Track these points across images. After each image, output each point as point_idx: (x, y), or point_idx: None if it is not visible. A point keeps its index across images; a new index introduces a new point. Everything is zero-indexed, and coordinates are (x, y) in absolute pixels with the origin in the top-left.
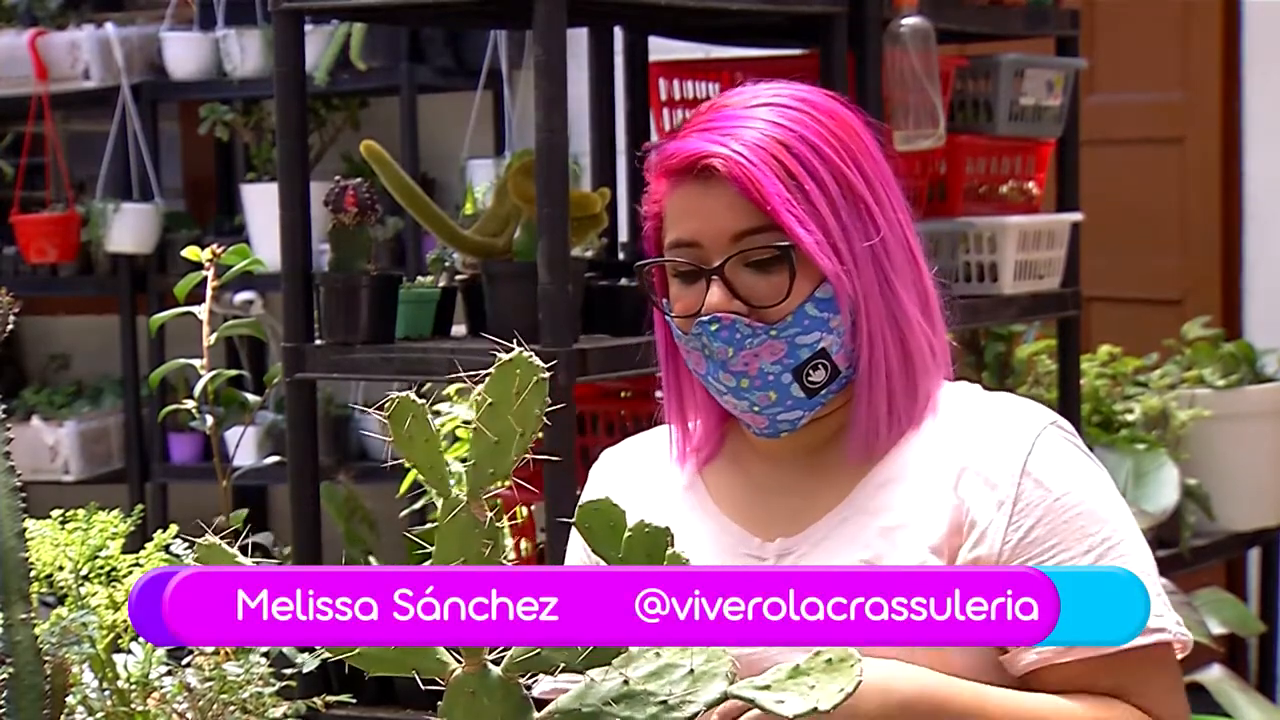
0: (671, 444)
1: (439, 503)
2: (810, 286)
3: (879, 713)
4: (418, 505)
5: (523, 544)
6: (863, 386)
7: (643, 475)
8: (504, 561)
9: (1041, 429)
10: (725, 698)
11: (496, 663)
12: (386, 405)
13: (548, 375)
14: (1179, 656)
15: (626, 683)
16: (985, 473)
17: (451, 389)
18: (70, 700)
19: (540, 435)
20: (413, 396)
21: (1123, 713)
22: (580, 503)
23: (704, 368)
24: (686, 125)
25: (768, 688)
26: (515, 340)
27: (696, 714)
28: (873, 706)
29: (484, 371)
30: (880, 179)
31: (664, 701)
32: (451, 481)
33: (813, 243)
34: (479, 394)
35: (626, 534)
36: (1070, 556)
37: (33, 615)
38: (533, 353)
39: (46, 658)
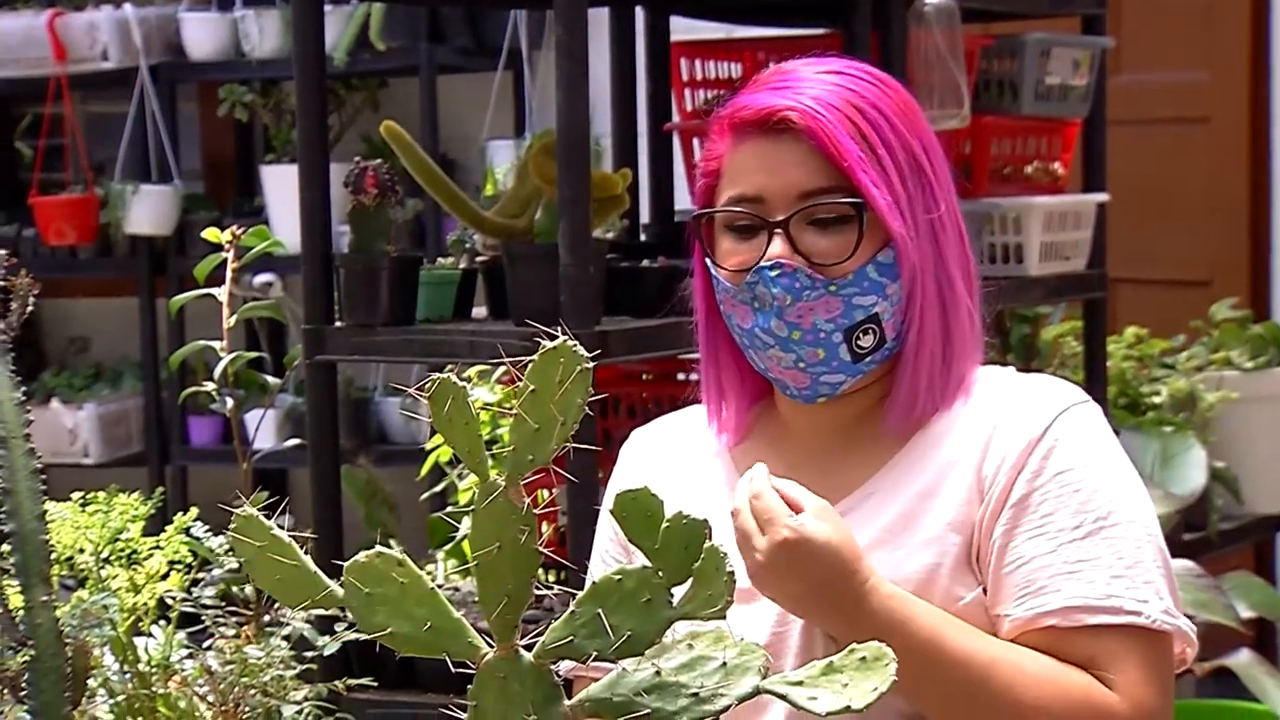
0: (709, 419)
1: (477, 487)
2: (873, 249)
3: (841, 620)
4: (438, 488)
5: (544, 528)
6: (907, 359)
7: (673, 456)
8: (537, 546)
9: (1066, 406)
10: (757, 692)
11: (528, 648)
12: (427, 386)
13: (591, 365)
14: (1187, 650)
15: (658, 674)
16: (1005, 444)
17: (472, 371)
18: (91, 683)
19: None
20: (454, 378)
21: (1080, 679)
22: (616, 490)
23: (750, 321)
24: (751, 85)
25: (800, 684)
26: (560, 328)
27: (728, 708)
28: (837, 615)
29: (522, 358)
30: (937, 156)
31: (695, 694)
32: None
33: (885, 204)
34: (519, 380)
35: (664, 525)
36: (1058, 529)
37: (54, 598)
38: (577, 341)
39: (67, 640)
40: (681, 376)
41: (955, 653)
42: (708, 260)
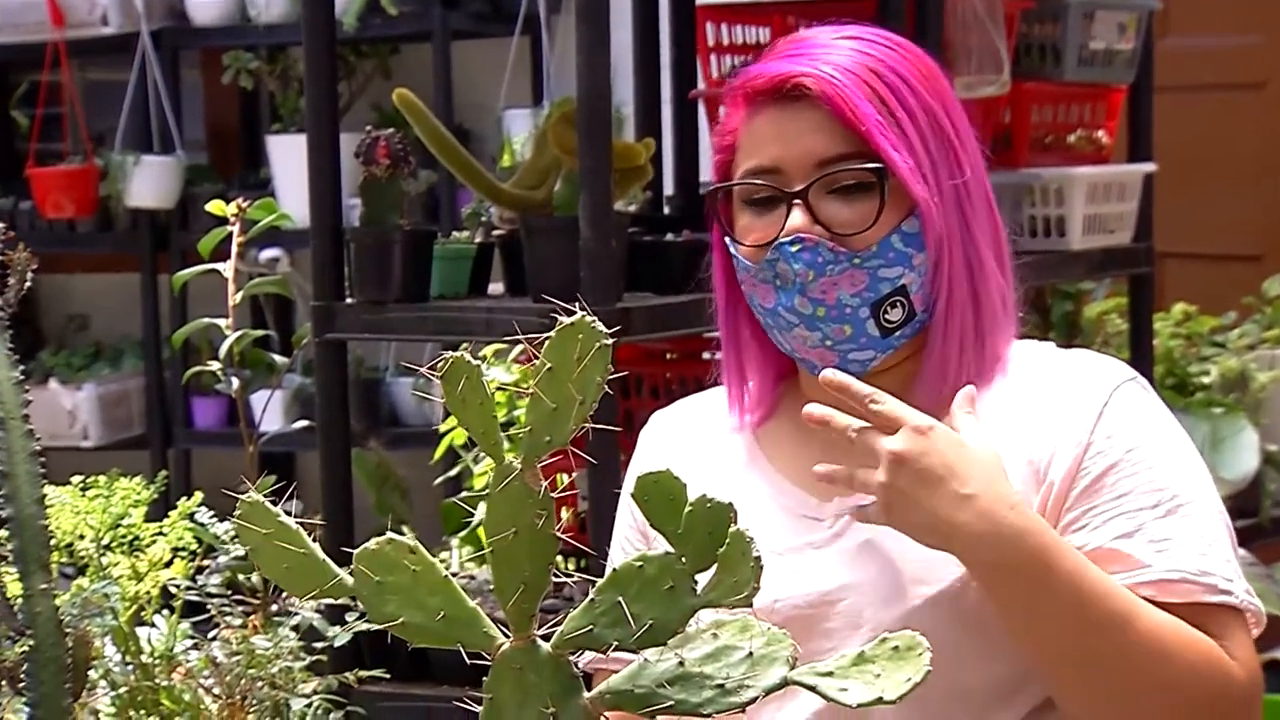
0: (731, 402)
1: (492, 470)
2: (897, 218)
3: (991, 531)
4: (452, 473)
5: (563, 513)
6: (936, 331)
7: (695, 438)
8: (555, 532)
9: (1120, 383)
10: (785, 683)
11: (546, 638)
12: (440, 366)
13: (610, 341)
14: (1254, 632)
15: (682, 664)
16: (1060, 425)
17: (488, 350)
18: (92, 674)
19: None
20: (468, 356)
21: (1208, 645)
22: (637, 473)
23: (773, 300)
24: (766, 54)
25: (830, 674)
26: (579, 304)
27: (755, 699)
28: (987, 525)
29: (539, 335)
30: (961, 121)
31: (721, 685)
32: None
33: (907, 169)
34: (537, 358)
35: (687, 509)
36: (1136, 508)
37: (53, 586)
38: (595, 316)
39: (68, 630)
40: (706, 355)
41: (1102, 583)
42: (726, 238)
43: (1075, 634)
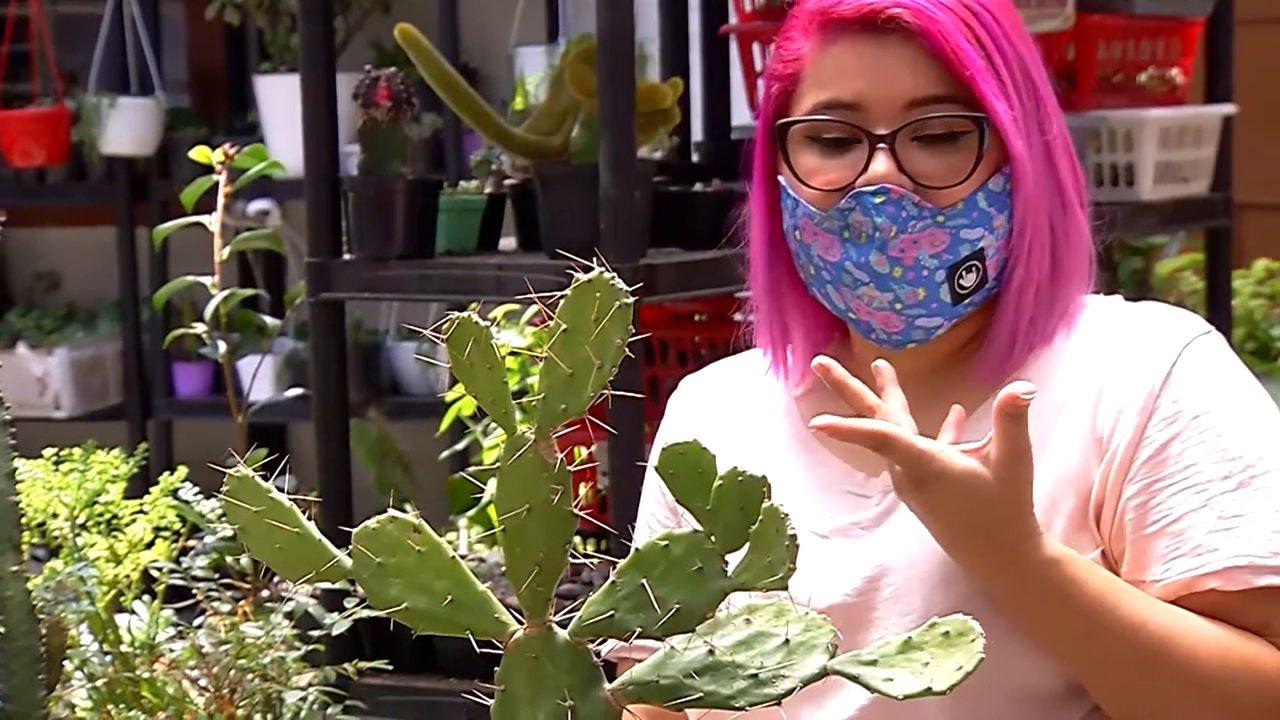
0: (773, 368)
1: (503, 442)
2: (985, 175)
3: (1003, 570)
4: (459, 446)
5: (583, 489)
6: (1009, 299)
7: (729, 406)
8: (572, 508)
9: (1191, 339)
10: (825, 673)
11: (563, 625)
12: (446, 327)
13: (631, 300)
14: None
15: (712, 652)
16: (1124, 388)
17: (498, 312)
18: (67, 665)
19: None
20: (476, 318)
21: (1263, 650)
22: (662, 444)
23: (838, 253)
24: None
25: (874, 663)
26: (597, 260)
27: (792, 690)
28: (998, 565)
29: (554, 294)
30: (1040, 69)
31: (754, 675)
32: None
33: (1008, 119)
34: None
35: (717, 483)
36: (1206, 479)
37: (24, 569)
38: (614, 273)
39: (40, 616)
40: (739, 317)
41: (1128, 619)
42: (782, 178)
43: (1101, 668)
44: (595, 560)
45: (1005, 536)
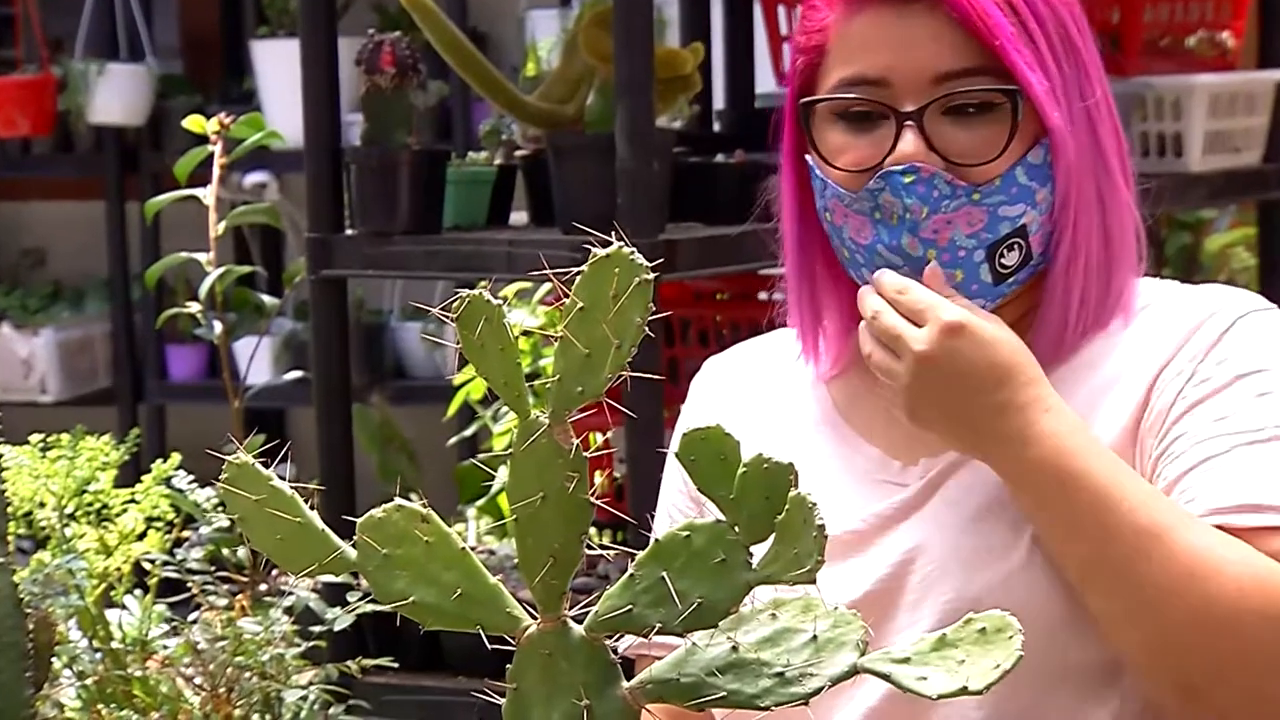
0: (804, 349)
1: (515, 427)
2: (1023, 148)
3: (1020, 436)
4: (468, 432)
5: (599, 477)
6: (1057, 277)
7: (754, 389)
8: (588, 497)
9: (1249, 311)
10: (855, 671)
11: (579, 620)
12: (454, 306)
13: (652, 276)
14: None
15: (735, 649)
16: (1175, 365)
17: (509, 290)
18: (55, 663)
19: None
20: (487, 295)
21: (1263, 564)
22: (683, 428)
23: (870, 235)
24: None
25: (907, 660)
26: (614, 234)
27: (820, 689)
28: (1018, 429)
29: (569, 271)
30: (1084, 29)
31: (780, 674)
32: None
33: (1042, 90)
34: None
35: (741, 470)
36: (1236, 429)
37: (10, 561)
38: (633, 248)
39: (27, 611)
40: (763, 296)
41: (1134, 497)
42: (810, 158)
43: (1101, 544)
44: (612, 552)
45: (1031, 394)
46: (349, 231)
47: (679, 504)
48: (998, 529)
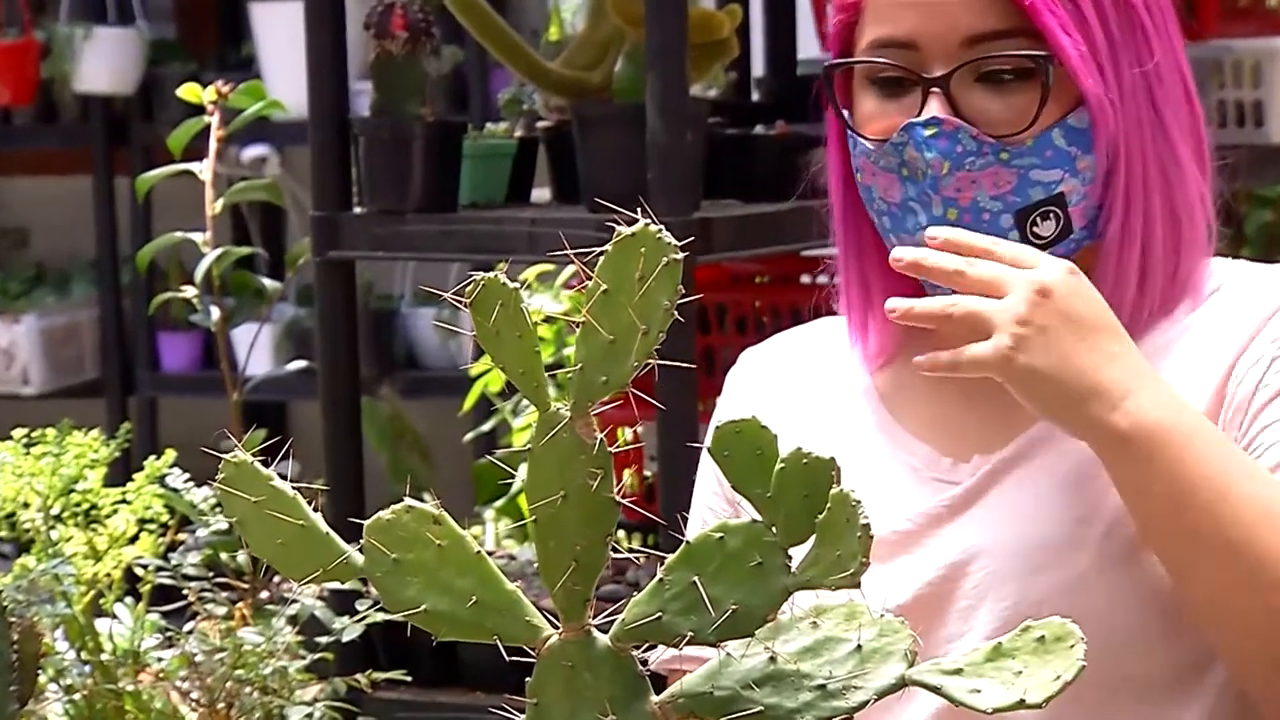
0: (853, 336)
1: (535, 421)
2: (1061, 111)
3: (1133, 391)
4: (486, 427)
5: (627, 476)
6: (1111, 256)
7: (796, 383)
8: (614, 495)
9: None
10: (903, 683)
11: (604, 629)
12: (469, 290)
13: (681, 256)
14: None
15: (773, 660)
16: (1255, 352)
17: (530, 273)
18: (41, 676)
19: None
20: (504, 278)
21: None
22: (716, 421)
23: (898, 193)
24: None
25: (959, 671)
26: (642, 211)
27: (865, 703)
28: (1131, 384)
29: (593, 251)
30: None
31: (822, 686)
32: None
33: (1078, 55)
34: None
35: (779, 466)
36: None
37: None
38: (662, 226)
39: (11, 620)
40: (806, 280)
41: (1249, 465)
42: (845, 121)
43: (1217, 506)
44: (641, 556)
45: (1122, 346)
46: (357, 210)
47: (714, 505)
48: (1063, 528)
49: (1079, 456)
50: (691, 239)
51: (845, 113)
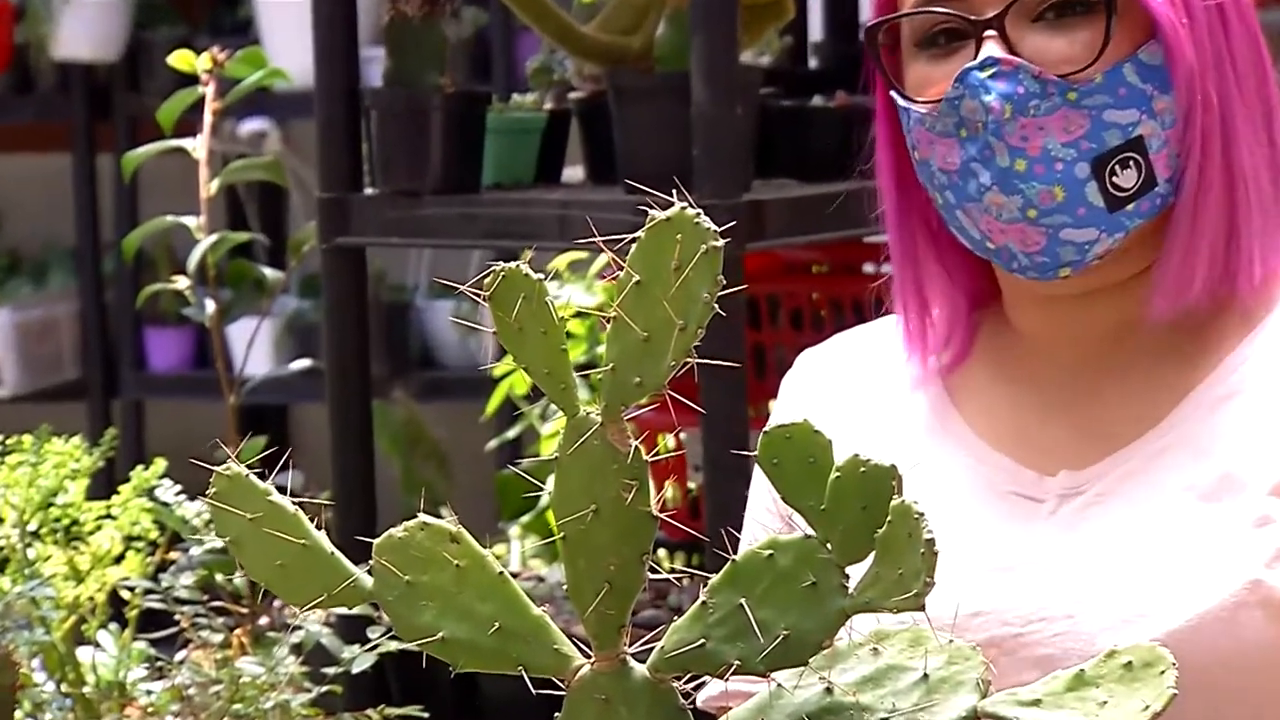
0: (908, 338)
1: (563, 426)
2: (1131, 46)
3: None
4: (511, 434)
5: (668, 488)
6: (1184, 211)
7: (857, 388)
8: (651, 509)
9: None
10: (975, 716)
11: (641, 658)
12: (488, 281)
13: (721, 243)
14: None
15: (830, 691)
16: None
17: (560, 261)
18: (18, 712)
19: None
20: (525, 268)
21: None
22: (767, 428)
23: (958, 157)
24: None
25: (1038, 702)
26: (678, 192)
27: None
28: None
29: (628, 237)
30: None
31: (884, 719)
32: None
33: None
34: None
35: (833, 475)
36: None
37: None
38: (700, 210)
39: None
40: (870, 269)
41: None
42: (893, 93)
43: None
44: (683, 578)
45: None
46: (368, 191)
47: (766, 521)
48: (1168, 570)
49: (1189, 485)
50: (739, 223)
51: (897, 84)
